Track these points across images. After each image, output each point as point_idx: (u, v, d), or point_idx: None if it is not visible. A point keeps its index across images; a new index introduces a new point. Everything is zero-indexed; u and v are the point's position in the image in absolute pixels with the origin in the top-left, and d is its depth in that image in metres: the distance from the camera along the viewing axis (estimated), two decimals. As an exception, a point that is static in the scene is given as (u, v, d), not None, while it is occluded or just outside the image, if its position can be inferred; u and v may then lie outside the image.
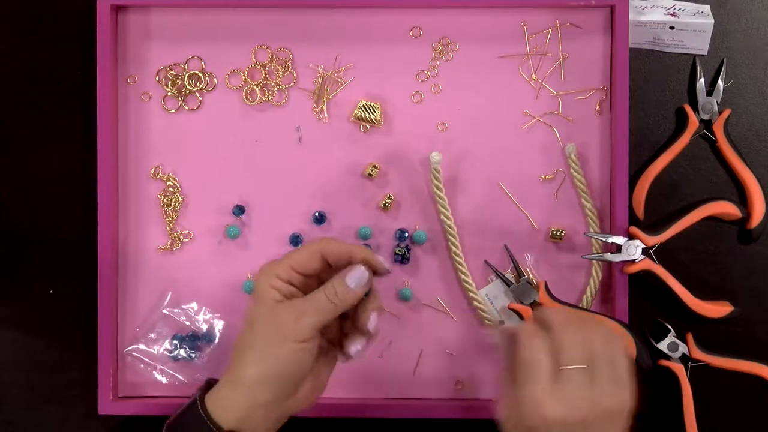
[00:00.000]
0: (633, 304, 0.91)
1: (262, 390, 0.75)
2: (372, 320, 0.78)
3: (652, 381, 0.92)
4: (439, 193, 0.91)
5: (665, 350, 0.92)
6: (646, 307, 0.93)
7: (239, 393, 0.75)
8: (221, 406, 0.76)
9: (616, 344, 0.73)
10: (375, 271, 0.77)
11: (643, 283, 0.92)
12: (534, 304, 0.91)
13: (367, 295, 0.77)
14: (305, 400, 0.78)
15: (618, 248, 0.90)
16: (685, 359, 0.92)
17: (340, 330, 0.81)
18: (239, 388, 0.75)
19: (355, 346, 0.79)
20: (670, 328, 0.92)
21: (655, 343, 0.92)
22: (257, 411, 0.75)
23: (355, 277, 0.76)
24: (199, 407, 0.76)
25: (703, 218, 0.92)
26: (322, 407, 0.91)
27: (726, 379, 0.93)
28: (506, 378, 0.74)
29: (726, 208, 0.92)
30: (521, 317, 0.90)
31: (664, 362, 0.92)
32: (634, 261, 0.90)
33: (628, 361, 0.72)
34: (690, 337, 0.92)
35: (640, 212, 0.93)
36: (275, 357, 0.74)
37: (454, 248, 0.92)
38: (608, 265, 0.92)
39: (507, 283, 0.92)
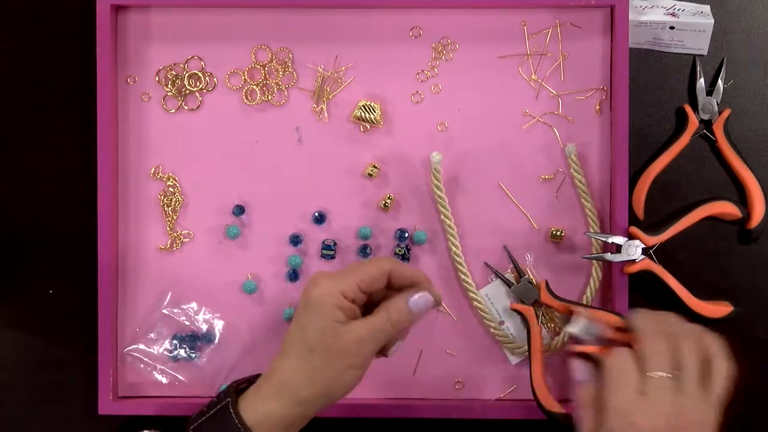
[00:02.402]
0: (633, 305, 0.91)
1: (316, 407, 0.76)
2: (394, 348, 0.79)
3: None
4: (439, 193, 0.91)
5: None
6: (646, 307, 0.93)
7: (293, 411, 0.75)
8: (268, 421, 0.75)
9: (707, 352, 0.72)
10: (435, 301, 0.79)
11: (643, 283, 0.92)
12: (536, 304, 0.90)
13: None
14: (333, 401, 0.79)
15: (618, 248, 0.90)
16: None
17: None
18: (293, 406, 0.75)
19: (397, 347, 0.80)
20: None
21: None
22: (302, 423, 0.76)
23: (421, 302, 0.77)
24: (236, 419, 0.74)
25: (703, 218, 0.92)
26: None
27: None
28: (589, 395, 0.73)
29: (726, 208, 0.92)
30: (524, 318, 0.90)
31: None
32: (634, 261, 0.90)
33: (718, 371, 0.71)
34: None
35: (640, 212, 0.92)
36: (337, 381, 0.75)
37: (454, 248, 0.92)
38: (608, 265, 0.92)
39: (508, 283, 0.92)
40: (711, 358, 0.72)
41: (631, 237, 0.90)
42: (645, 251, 0.90)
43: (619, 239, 0.89)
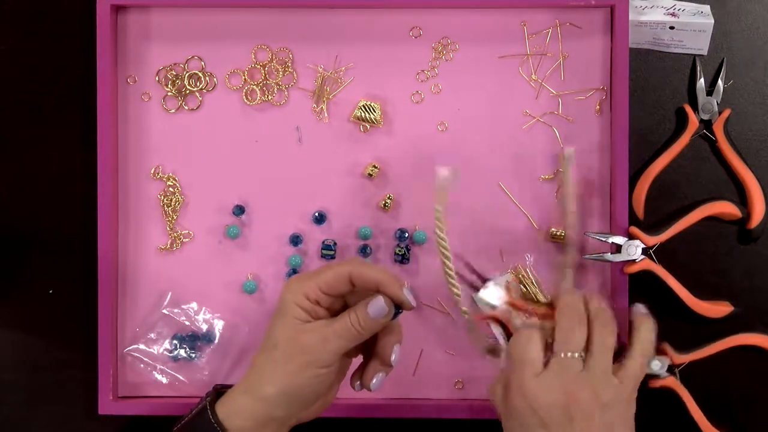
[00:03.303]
0: (634, 297, 0.91)
1: (280, 407, 0.76)
2: (394, 353, 0.79)
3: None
4: (440, 234, 0.84)
5: (651, 372, 0.92)
6: (646, 307, 0.93)
7: (256, 406, 0.76)
8: (235, 415, 0.76)
9: (615, 336, 0.74)
10: (400, 305, 0.77)
11: (643, 283, 0.92)
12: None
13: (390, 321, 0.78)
14: (315, 412, 0.80)
15: (618, 248, 0.90)
16: (671, 369, 0.92)
17: (360, 350, 0.81)
18: (257, 402, 0.76)
19: (376, 379, 0.79)
20: None
21: None
22: (270, 424, 0.76)
23: (375, 308, 0.76)
24: (210, 415, 0.76)
25: (703, 218, 0.92)
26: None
27: (713, 364, 0.92)
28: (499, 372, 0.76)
29: (726, 208, 0.92)
30: (503, 327, 0.83)
31: (656, 383, 0.92)
32: (634, 261, 0.90)
33: (634, 361, 0.75)
34: (666, 347, 0.92)
35: (640, 212, 0.93)
36: (297, 379, 0.75)
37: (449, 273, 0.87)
38: (608, 265, 0.92)
39: (475, 288, 0.83)
40: (632, 345, 0.76)
41: (631, 237, 0.90)
42: (645, 251, 0.90)
43: (619, 239, 0.89)
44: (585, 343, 0.74)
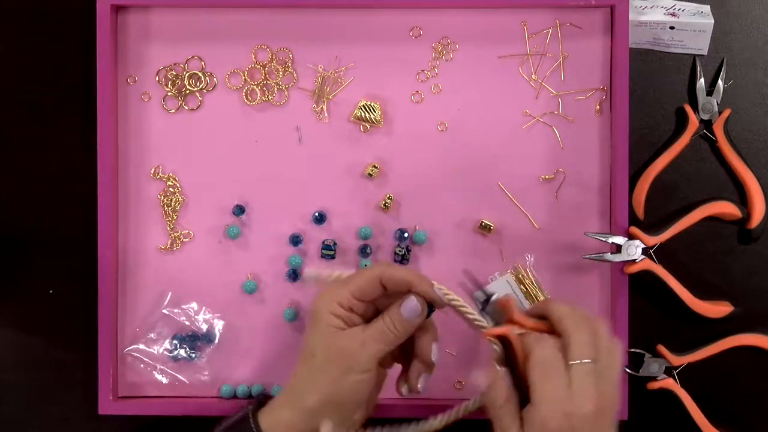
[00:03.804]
0: (633, 305, 0.91)
1: (322, 416, 0.75)
2: (434, 351, 0.79)
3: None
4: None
5: (649, 374, 0.92)
6: (646, 307, 0.93)
7: (299, 418, 0.76)
8: (277, 426, 0.76)
9: (615, 342, 0.75)
10: (434, 303, 0.77)
11: (643, 283, 0.92)
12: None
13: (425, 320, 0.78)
14: (358, 422, 0.79)
15: (618, 248, 0.90)
16: (668, 371, 0.92)
17: (396, 358, 0.81)
18: (299, 414, 0.76)
19: (422, 381, 0.79)
20: (643, 352, 0.92)
21: (637, 373, 0.92)
22: None
23: (409, 308, 0.76)
24: (252, 425, 0.76)
25: (703, 218, 0.92)
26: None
27: (712, 365, 0.93)
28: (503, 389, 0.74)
29: (726, 208, 0.92)
30: (503, 343, 0.80)
31: (654, 384, 0.92)
32: (634, 261, 0.90)
33: (616, 354, 0.75)
34: (662, 348, 0.92)
35: (640, 212, 0.93)
36: (338, 385, 0.75)
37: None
38: (608, 265, 0.92)
39: (482, 304, 0.82)
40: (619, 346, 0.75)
41: (631, 237, 0.90)
42: (645, 251, 0.90)
43: (619, 239, 0.89)
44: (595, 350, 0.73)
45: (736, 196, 0.93)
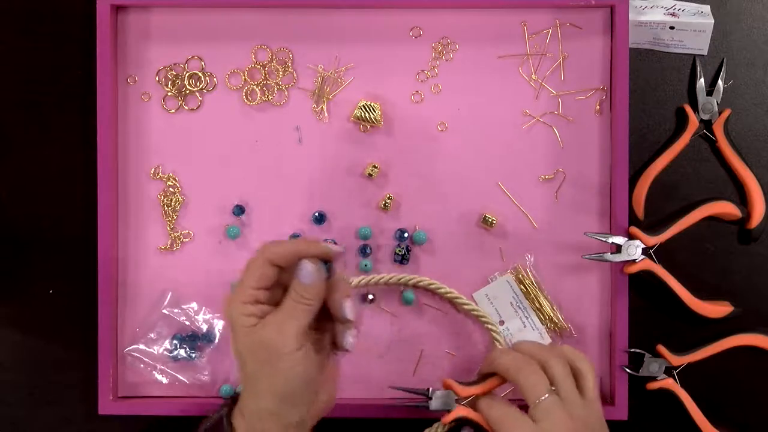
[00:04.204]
0: (633, 305, 0.91)
1: (288, 411, 0.74)
2: (347, 308, 0.76)
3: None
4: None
5: (649, 374, 0.92)
6: (646, 307, 0.93)
7: (269, 418, 0.74)
8: (252, 429, 0.75)
9: (566, 359, 0.78)
10: (328, 258, 0.75)
11: (643, 283, 0.92)
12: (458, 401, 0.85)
13: (329, 278, 0.75)
14: (324, 405, 0.78)
15: (618, 248, 0.90)
16: (668, 371, 0.92)
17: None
18: (266, 414, 0.74)
19: (347, 339, 0.77)
20: (643, 352, 0.92)
21: (637, 373, 0.92)
22: (291, 430, 0.75)
23: (305, 273, 0.74)
24: (227, 428, 0.75)
25: (703, 218, 0.92)
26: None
27: (712, 364, 0.93)
28: None
29: (726, 208, 0.92)
30: (466, 422, 0.84)
31: (654, 384, 0.92)
32: (634, 261, 0.90)
33: (585, 373, 0.78)
34: (661, 348, 0.92)
35: (640, 212, 0.93)
36: (281, 377, 0.73)
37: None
38: (608, 265, 0.92)
39: (424, 406, 0.86)
40: (573, 363, 0.78)
41: (631, 237, 0.90)
42: (645, 251, 0.90)
43: (619, 239, 0.89)
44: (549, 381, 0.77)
45: (736, 196, 0.93)
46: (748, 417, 0.94)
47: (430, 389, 0.84)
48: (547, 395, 0.75)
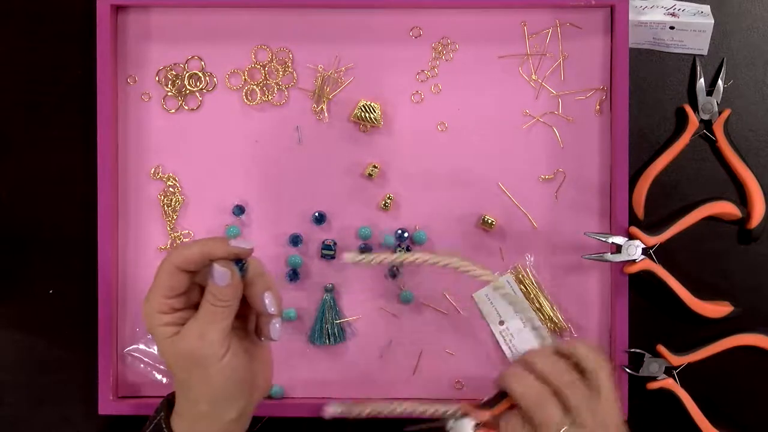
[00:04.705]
0: (633, 305, 0.91)
1: (225, 411, 0.73)
2: (267, 301, 0.73)
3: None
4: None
5: (649, 374, 0.92)
6: (646, 307, 0.93)
7: (206, 423, 0.73)
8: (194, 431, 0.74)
9: (582, 365, 0.72)
10: (238, 258, 0.72)
11: (643, 284, 0.92)
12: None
13: (244, 277, 0.73)
14: (263, 391, 0.77)
15: (618, 248, 0.90)
16: (668, 371, 0.92)
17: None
18: (203, 420, 0.73)
19: (273, 328, 0.74)
20: (643, 352, 0.92)
21: (637, 373, 0.92)
22: (232, 425, 0.74)
23: (217, 276, 0.71)
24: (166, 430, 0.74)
25: (703, 218, 0.92)
26: (323, 407, 0.91)
27: (712, 364, 0.93)
28: None
29: (726, 208, 0.92)
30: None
31: (654, 384, 0.92)
32: (634, 261, 0.90)
33: (601, 376, 0.72)
34: (661, 348, 0.92)
35: (640, 212, 0.92)
36: (213, 382, 0.71)
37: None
38: (608, 266, 0.92)
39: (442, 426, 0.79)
40: (586, 367, 0.72)
41: (631, 237, 0.90)
42: (645, 251, 0.90)
43: (619, 239, 0.89)
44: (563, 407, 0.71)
45: (736, 196, 0.93)
46: (748, 417, 0.94)
47: (447, 421, 0.77)
48: (565, 425, 0.70)
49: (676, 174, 0.93)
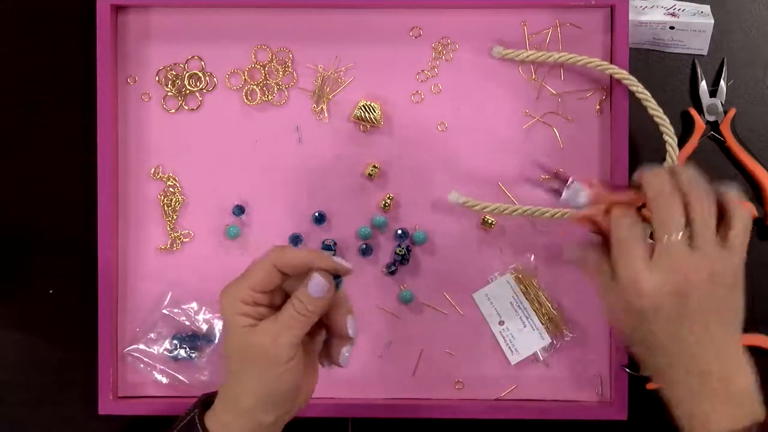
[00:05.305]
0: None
1: (265, 413, 0.74)
2: (350, 325, 0.75)
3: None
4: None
5: (649, 374, 0.91)
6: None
7: (242, 421, 0.74)
8: (225, 430, 0.74)
9: (722, 204, 0.71)
10: (338, 273, 0.74)
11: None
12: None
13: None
14: (301, 405, 0.78)
15: None
16: None
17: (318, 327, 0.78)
18: (241, 416, 0.74)
19: (343, 355, 0.76)
20: None
21: (637, 373, 0.91)
22: (265, 431, 0.75)
23: (315, 286, 0.72)
24: (200, 430, 0.75)
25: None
26: (323, 407, 0.91)
27: None
28: (603, 274, 0.73)
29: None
30: (593, 228, 0.77)
31: (654, 384, 0.91)
32: None
33: (737, 220, 0.71)
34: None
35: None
36: (268, 382, 0.72)
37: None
38: None
39: (557, 192, 0.77)
40: (728, 208, 0.72)
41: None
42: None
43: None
44: (685, 221, 0.70)
45: (751, 194, 0.93)
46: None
47: (571, 178, 0.76)
48: (674, 235, 0.69)
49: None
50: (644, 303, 0.70)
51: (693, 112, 0.92)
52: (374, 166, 0.92)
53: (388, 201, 0.92)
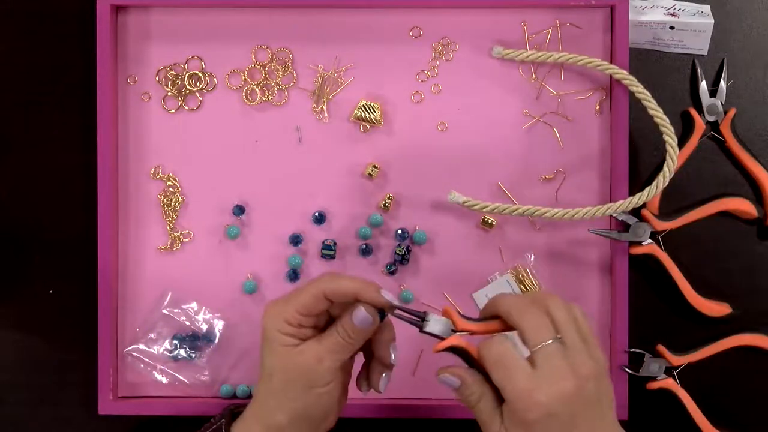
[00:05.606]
0: (633, 304, 0.91)
1: (297, 430, 0.75)
2: (392, 351, 0.77)
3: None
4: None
5: (649, 374, 0.92)
6: (646, 307, 0.93)
7: (273, 431, 0.75)
8: None
9: (573, 308, 0.72)
10: (383, 309, 0.75)
11: (643, 283, 0.92)
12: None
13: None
14: (328, 427, 0.78)
15: (626, 228, 0.90)
16: (668, 371, 0.92)
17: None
18: (271, 430, 0.75)
19: (383, 381, 0.78)
20: (643, 352, 0.92)
21: (637, 373, 0.92)
22: None
23: (360, 318, 0.74)
24: None
25: (717, 213, 0.91)
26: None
27: (712, 364, 0.93)
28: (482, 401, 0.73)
29: (742, 205, 0.91)
30: (458, 352, 0.75)
31: (654, 384, 0.92)
32: (640, 243, 0.90)
33: (586, 321, 0.72)
34: (661, 348, 0.92)
35: (654, 210, 0.92)
36: (304, 402, 0.74)
37: None
38: (609, 246, 0.92)
39: (418, 325, 0.76)
40: (579, 310, 0.73)
41: (641, 219, 0.90)
42: (653, 237, 0.90)
43: (630, 218, 0.89)
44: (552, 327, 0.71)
45: (751, 194, 0.93)
46: (748, 417, 0.94)
47: (428, 313, 0.76)
48: (550, 341, 0.70)
49: (688, 177, 0.93)
50: (538, 413, 0.68)
51: (693, 112, 0.92)
52: (374, 166, 0.92)
53: (388, 201, 0.92)
